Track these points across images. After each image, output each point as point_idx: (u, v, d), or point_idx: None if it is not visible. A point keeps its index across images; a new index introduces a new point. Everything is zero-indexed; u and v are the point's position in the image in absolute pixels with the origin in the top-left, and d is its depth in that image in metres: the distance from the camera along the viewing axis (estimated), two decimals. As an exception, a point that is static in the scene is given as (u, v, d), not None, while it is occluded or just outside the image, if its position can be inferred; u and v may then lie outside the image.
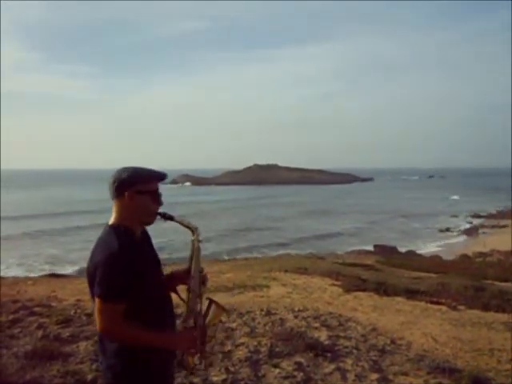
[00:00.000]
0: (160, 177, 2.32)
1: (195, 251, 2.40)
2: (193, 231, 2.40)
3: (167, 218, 2.34)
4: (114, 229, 2.21)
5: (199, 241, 2.41)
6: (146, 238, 2.39)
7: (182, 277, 2.42)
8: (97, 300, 2.12)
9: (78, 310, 7.29)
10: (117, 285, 2.09)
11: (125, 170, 2.26)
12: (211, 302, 2.38)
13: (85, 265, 2.26)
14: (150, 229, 2.41)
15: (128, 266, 2.11)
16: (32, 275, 17.51)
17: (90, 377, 4.39)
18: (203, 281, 2.41)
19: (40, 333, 5.89)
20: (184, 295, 2.37)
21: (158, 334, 2.17)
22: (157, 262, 2.38)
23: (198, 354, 2.30)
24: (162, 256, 2.50)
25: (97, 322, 2.13)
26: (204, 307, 2.37)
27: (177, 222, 2.36)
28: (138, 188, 2.22)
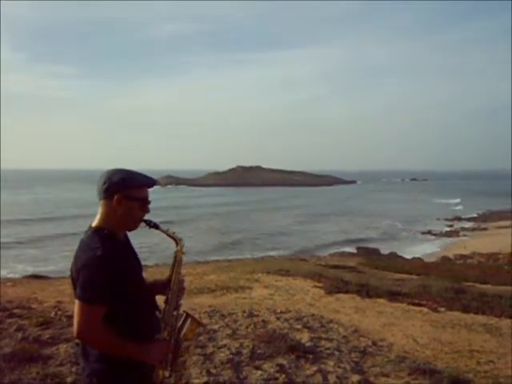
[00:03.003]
0: (150, 184, 2.29)
1: (177, 263, 2.37)
2: (177, 242, 2.37)
3: (152, 226, 2.30)
4: (98, 232, 2.18)
5: (183, 252, 2.37)
6: (128, 243, 2.36)
7: (162, 287, 2.39)
8: (77, 302, 2.08)
9: (59, 312, 7.21)
10: (98, 288, 2.06)
11: (117, 172, 2.23)
12: (187, 316, 2.35)
13: (66, 266, 2.22)
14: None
15: (111, 270, 2.08)
16: (12, 276, 17.28)
17: (69, 379, 4.35)
18: (180, 293, 2.37)
19: (19, 335, 5.81)
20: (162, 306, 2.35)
21: (131, 344, 2.13)
22: (139, 267, 2.35)
23: (169, 368, 2.25)
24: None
25: (75, 324, 2.09)
26: (180, 320, 2.34)
27: (162, 231, 2.32)
28: (127, 193, 2.19)
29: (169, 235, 2.35)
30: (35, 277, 14.92)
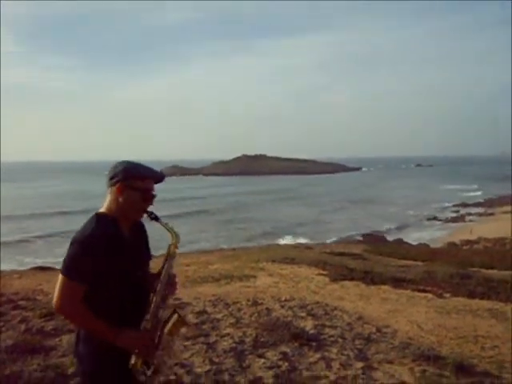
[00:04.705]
0: (156, 177, 2.35)
1: (169, 256, 2.40)
2: (172, 236, 2.42)
3: (153, 218, 2.35)
4: (98, 216, 2.25)
5: (177, 247, 2.42)
6: (138, 232, 2.41)
7: (152, 279, 2.40)
8: (60, 276, 2.15)
9: (63, 303, 7.20)
10: (80, 265, 2.11)
11: (123, 162, 2.30)
12: (174, 311, 2.37)
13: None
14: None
15: (94, 251, 2.12)
16: (18, 268, 17.34)
17: (70, 370, 4.34)
18: (170, 288, 2.39)
19: (23, 326, 5.83)
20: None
21: (107, 326, 2.16)
22: (137, 259, 2.35)
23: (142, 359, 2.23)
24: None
25: (54, 297, 2.15)
26: (166, 315, 2.35)
27: (161, 223, 2.37)
28: (130, 183, 2.25)
29: (167, 228, 2.40)
30: (41, 268, 14.97)
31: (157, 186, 2.39)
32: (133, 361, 2.18)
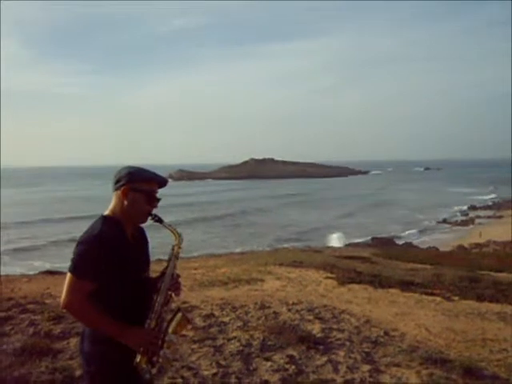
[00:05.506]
0: (160, 181, 2.41)
1: (173, 256, 2.44)
2: (176, 237, 2.47)
3: (156, 220, 2.41)
4: (104, 218, 2.31)
5: (180, 247, 2.47)
6: (140, 237, 2.47)
7: (153, 282, 2.45)
8: (68, 275, 2.20)
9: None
10: (88, 264, 2.17)
11: (128, 167, 2.38)
12: (178, 310, 2.41)
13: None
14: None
15: (101, 250, 2.17)
16: (27, 272, 17.42)
17: (78, 373, 4.36)
18: (175, 287, 2.43)
19: (31, 330, 5.86)
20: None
21: (114, 323, 2.20)
22: (140, 262, 2.41)
23: (147, 357, 2.27)
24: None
25: (62, 295, 2.21)
26: (171, 314, 2.39)
27: (165, 225, 2.43)
28: (135, 185, 2.31)
29: (170, 230, 2.46)
30: (50, 272, 15.02)
31: (167, 191, 2.44)
32: (138, 359, 2.22)
